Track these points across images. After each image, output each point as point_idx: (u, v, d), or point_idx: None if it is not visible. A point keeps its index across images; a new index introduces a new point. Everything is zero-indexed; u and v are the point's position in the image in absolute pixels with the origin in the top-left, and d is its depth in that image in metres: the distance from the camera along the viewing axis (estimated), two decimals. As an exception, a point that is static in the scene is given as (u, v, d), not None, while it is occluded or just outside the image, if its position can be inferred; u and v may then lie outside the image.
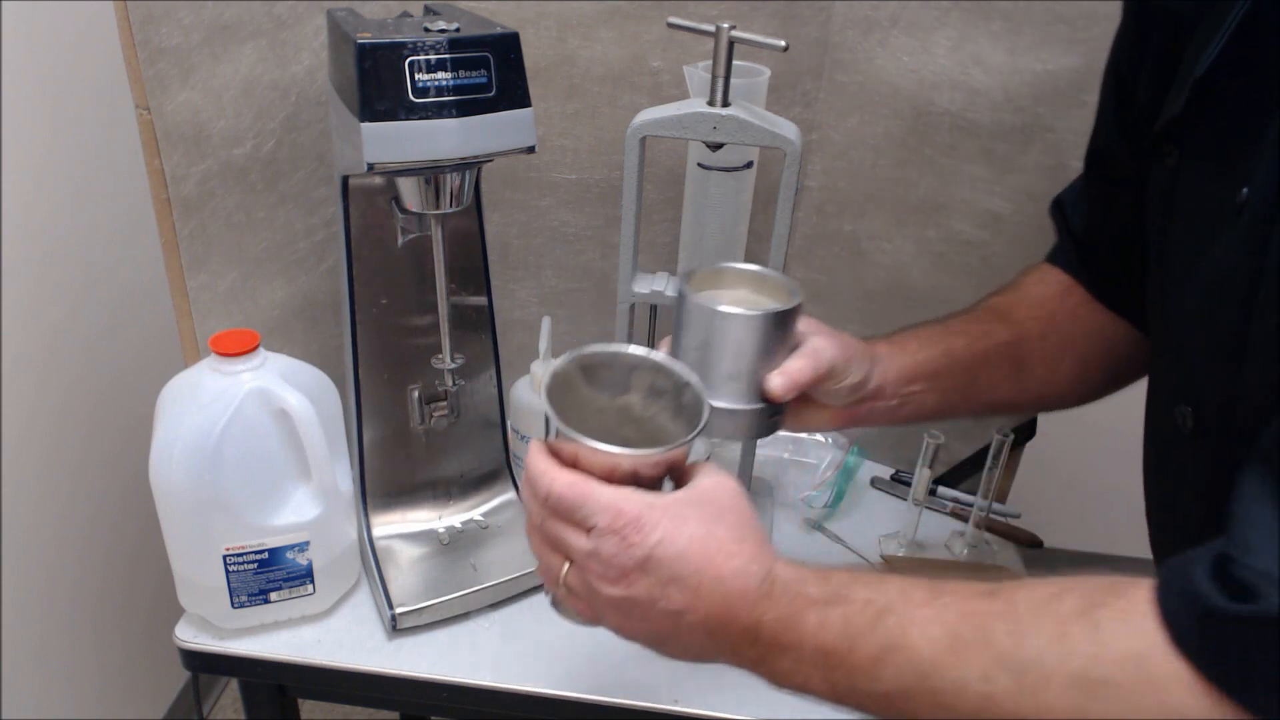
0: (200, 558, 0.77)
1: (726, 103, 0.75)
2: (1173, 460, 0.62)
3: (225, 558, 0.76)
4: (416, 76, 0.67)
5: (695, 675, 0.79)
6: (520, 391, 0.91)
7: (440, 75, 0.68)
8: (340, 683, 0.80)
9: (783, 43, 0.70)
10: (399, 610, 0.81)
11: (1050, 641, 0.42)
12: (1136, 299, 0.69)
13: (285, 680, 0.85)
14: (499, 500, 0.94)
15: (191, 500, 0.74)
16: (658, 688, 0.78)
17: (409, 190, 0.76)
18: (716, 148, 0.81)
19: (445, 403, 0.88)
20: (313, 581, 0.81)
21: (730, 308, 0.62)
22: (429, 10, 0.79)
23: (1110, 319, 0.74)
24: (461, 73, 0.69)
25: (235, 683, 1.33)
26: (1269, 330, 0.47)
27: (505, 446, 0.94)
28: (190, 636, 0.81)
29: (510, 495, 0.94)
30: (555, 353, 0.90)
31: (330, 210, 0.95)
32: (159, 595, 1.05)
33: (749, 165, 0.89)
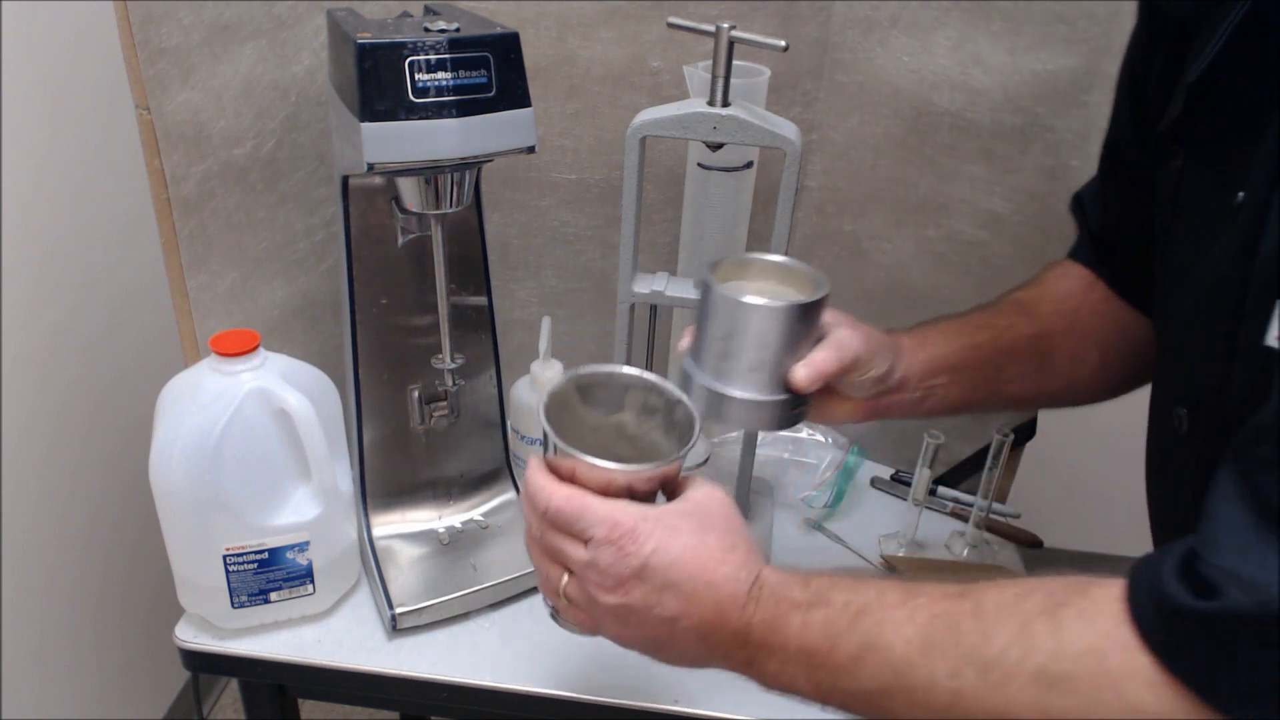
0: (200, 558, 0.77)
1: (726, 103, 0.75)
2: (1172, 461, 0.62)
3: (225, 558, 0.76)
4: (416, 76, 0.68)
5: (695, 676, 0.79)
6: (520, 391, 0.91)
7: (440, 75, 0.68)
8: (340, 683, 0.80)
9: (783, 43, 0.70)
10: (399, 610, 0.81)
11: (1014, 639, 0.44)
12: (1154, 295, 0.69)
13: (285, 680, 0.85)
14: (499, 500, 0.94)
15: (191, 500, 0.74)
16: (658, 688, 0.78)
17: (409, 190, 0.76)
18: (716, 148, 0.81)
19: (445, 403, 0.88)
20: (313, 581, 0.81)
21: (755, 298, 0.62)
22: (429, 10, 0.79)
23: (1132, 315, 0.74)
24: (461, 73, 0.69)
25: (235, 683, 1.33)
26: (1254, 333, 0.47)
27: (505, 446, 0.94)
28: (190, 636, 0.81)
29: (510, 495, 0.94)
30: (555, 353, 0.90)
31: (330, 210, 0.95)
32: (159, 595, 1.05)
33: (749, 165, 0.89)
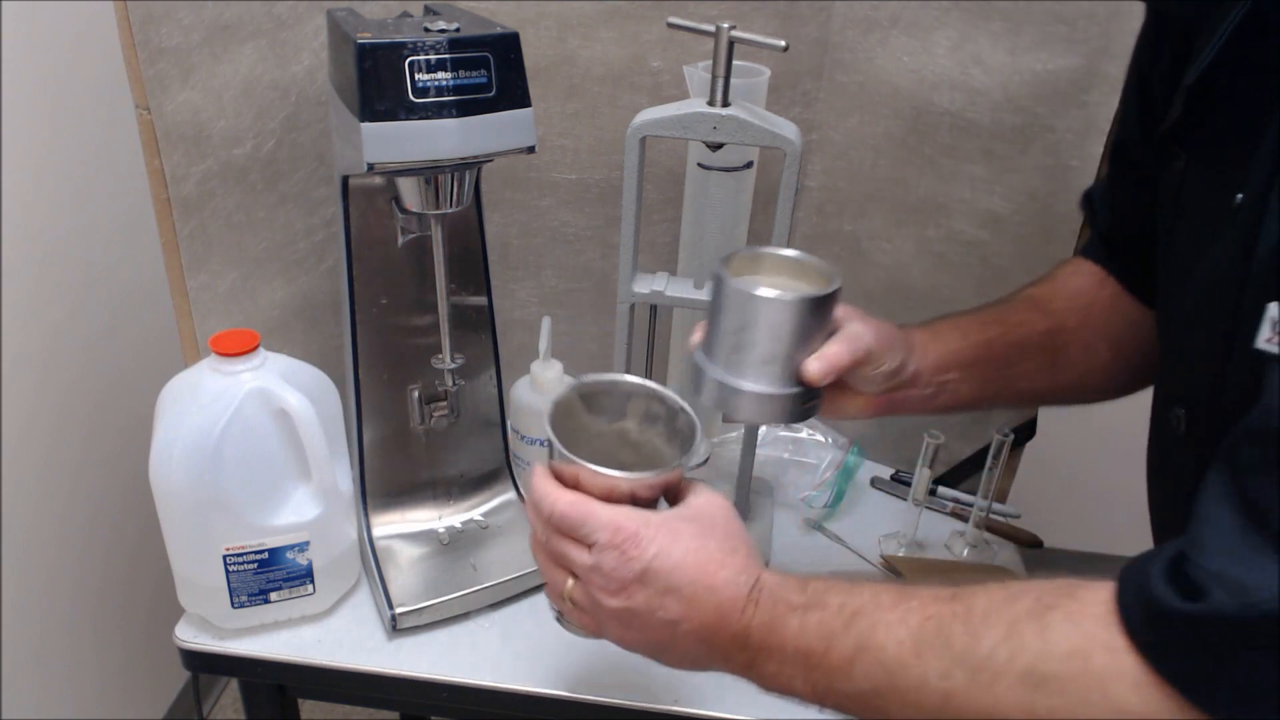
0: (200, 558, 0.77)
1: (726, 103, 0.75)
2: (1172, 461, 0.62)
3: (225, 558, 0.76)
4: (416, 76, 0.67)
5: (695, 676, 0.79)
6: (520, 391, 0.91)
7: (440, 75, 0.68)
8: (340, 683, 0.80)
9: (783, 43, 0.70)
10: (399, 610, 0.81)
11: (1002, 640, 0.45)
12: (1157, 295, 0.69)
13: (285, 680, 0.85)
14: (499, 500, 0.94)
15: (191, 500, 0.74)
16: (658, 688, 0.78)
17: (409, 190, 0.76)
18: (716, 148, 0.81)
19: (445, 403, 0.88)
20: (313, 581, 0.81)
21: (768, 291, 0.61)
22: (429, 10, 0.79)
23: (1143, 311, 0.74)
24: (461, 73, 0.69)
25: (235, 683, 1.33)
26: (1248, 335, 0.47)
27: (505, 446, 0.94)
28: (190, 636, 0.81)
29: (510, 495, 0.94)
30: (555, 353, 0.90)
31: (330, 210, 0.95)
32: (159, 595, 1.05)
33: (749, 165, 0.89)
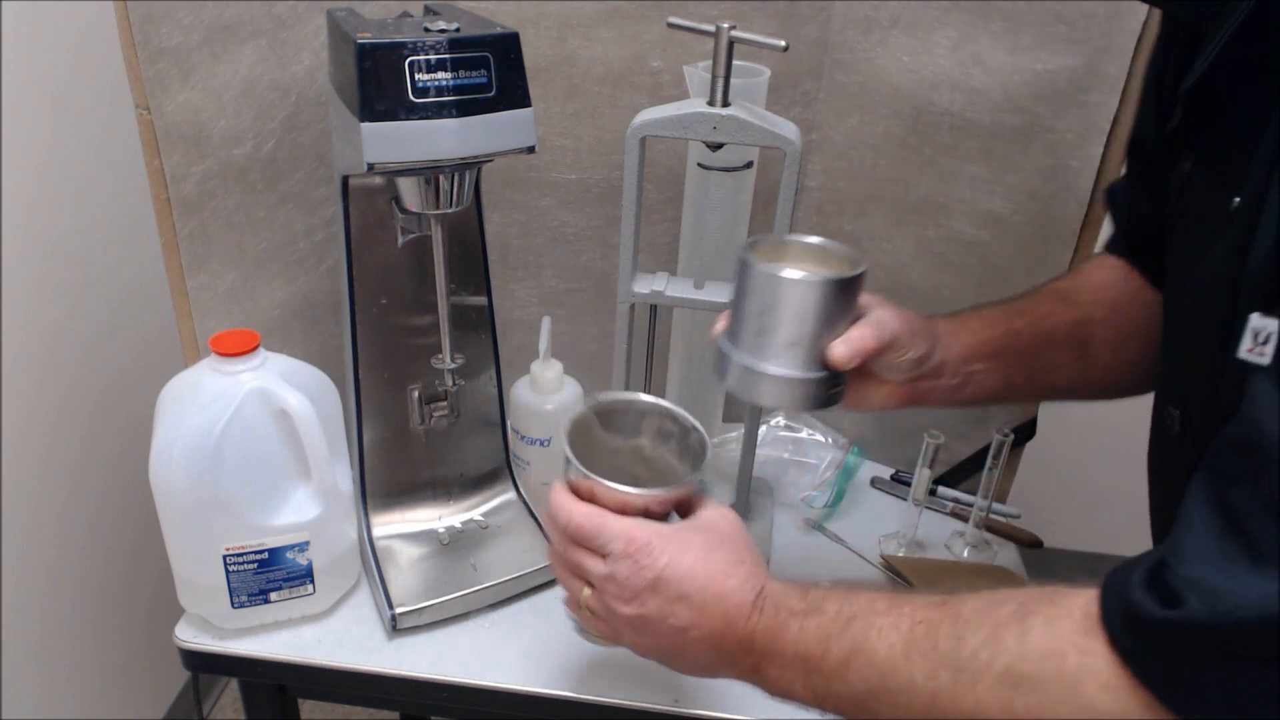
0: (200, 558, 0.77)
1: (726, 103, 0.75)
2: (1170, 462, 0.62)
3: (225, 558, 0.76)
4: (416, 76, 0.67)
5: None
6: (520, 391, 0.91)
7: (440, 75, 0.68)
8: (340, 683, 0.80)
9: (783, 43, 0.70)
10: (399, 610, 0.81)
11: (984, 643, 0.47)
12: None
13: (285, 680, 0.85)
14: (499, 500, 0.94)
15: (191, 500, 0.74)
16: (658, 688, 0.78)
17: (409, 190, 0.76)
18: (716, 148, 0.81)
19: (445, 403, 0.88)
20: (313, 581, 0.81)
21: (793, 272, 0.62)
22: (429, 10, 0.79)
23: None
24: (461, 73, 0.69)
25: (235, 683, 1.33)
26: (1236, 341, 0.47)
27: (505, 446, 0.94)
28: (190, 636, 0.81)
29: (510, 495, 0.94)
30: (555, 353, 0.90)
31: (330, 210, 0.95)
32: (159, 595, 1.05)
33: (749, 165, 0.89)
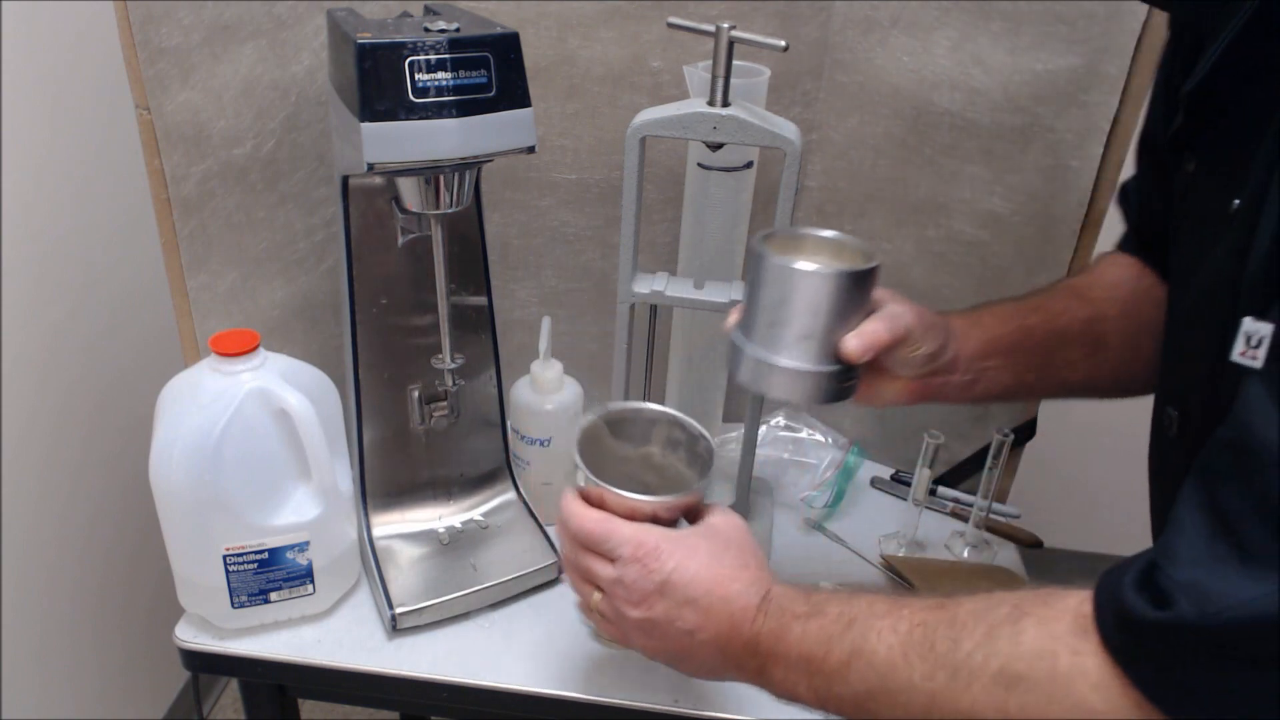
0: (200, 558, 0.77)
1: (726, 103, 0.75)
2: (1169, 462, 0.62)
3: (225, 558, 0.76)
4: (416, 76, 0.67)
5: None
6: (520, 391, 0.91)
7: (440, 75, 0.68)
8: (340, 683, 0.80)
9: (783, 43, 0.70)
10: (399, 610, 0.81)
11: (979, 644, 0.47)
12: None
13: (285, 680, 0.85)
14: (499, 500, 0.94)
15: (191, 500, 0.74)
16: (658, 688, 0.78)
17: (409, 190, 0.76)
18: (716, 148, 0.81)
19: (445, 403, 0.88)
20: (313, 581, 0.81)
21: (807, 264, 0.62)
22: (429, 10, 0.79)
23: None
24: (461, 73, 0.69)
25: (235, 683, 1.33)
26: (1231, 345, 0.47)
27: (505, 446, 0.94)
28: (190, 636, 0.81)
29: (510, 495, 0.94)
30: (555, 353, 0.90)
31: (330, 210, 0.95)
32: (159, 595, 1.05)
33: (749, 165, 0.89)
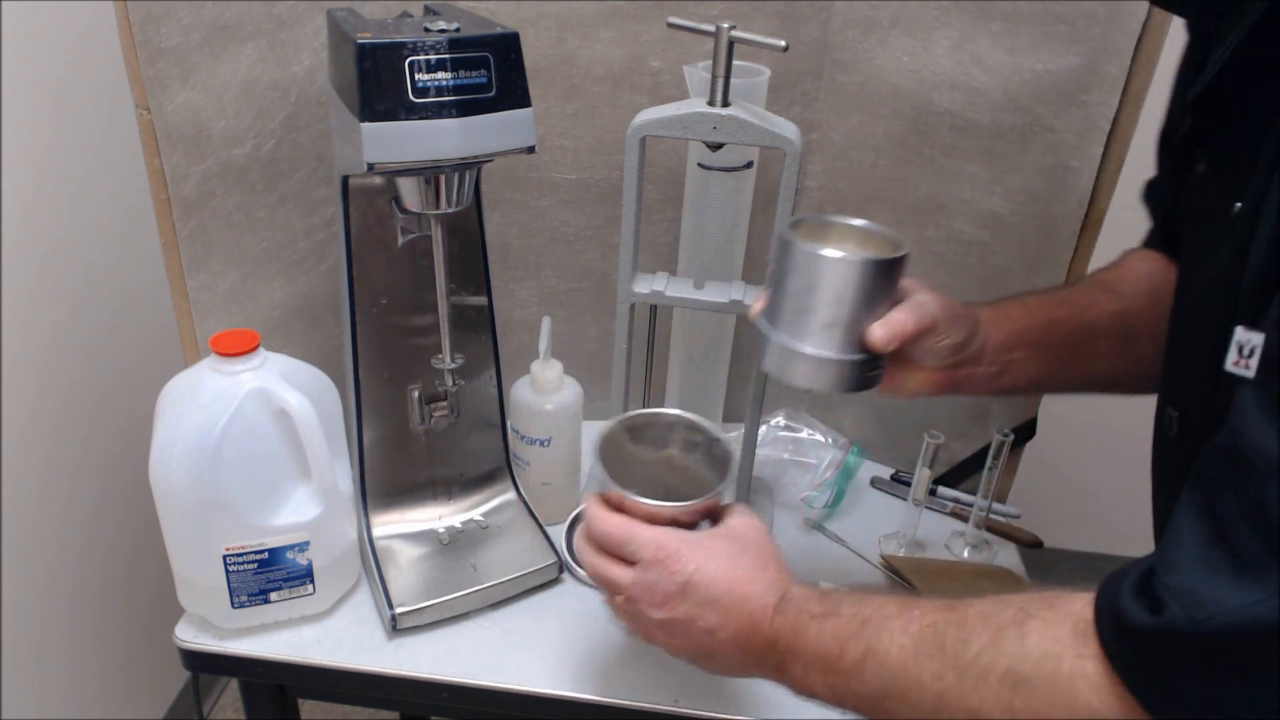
0: (200, 558, 0.77)
1: (726, 103, 0.75)
2: (1169, 462, 0.63)
3: (225, 558, 0.76)
4: (416, 76, 0.67)
5: (695, 676, 0.79)
6: (520, 391, 0.91)
7: (440, 75, 0.68)
8: (340, 683, 0.80)
9: (783, 43, 0.70)
10: (399, 610, 0.81)
11: (986, 645, 0.48)
12: None
13: (285, 680, 0.85)
14: (499, 500, 0.94)
15: (191, 500, 0.74)
16: (658, 688, 0.78)
17: (409, 190, 0.76)
18: (716, 148, 0.81)
19: (445, 403, 0.88)
20: (313, 581, 0.81)
21: (834, 251, 0.61)
22: (429, 10, 0.79)
23: None
24: (461, 73, 0.69)
25: (235, 683, 1.33)
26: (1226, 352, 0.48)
27: (505, 446, 0.94)
28: (190, 636, 0.81)
29: (510, 495, 0.94)
30: (555, 353, 0.90)
31: (330, 210, 0.95)
32: (159, 595, 1.05)
33: (749, 165, 0.89)
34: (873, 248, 0.66)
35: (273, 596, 0.80)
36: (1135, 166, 0.86)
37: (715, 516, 0.65)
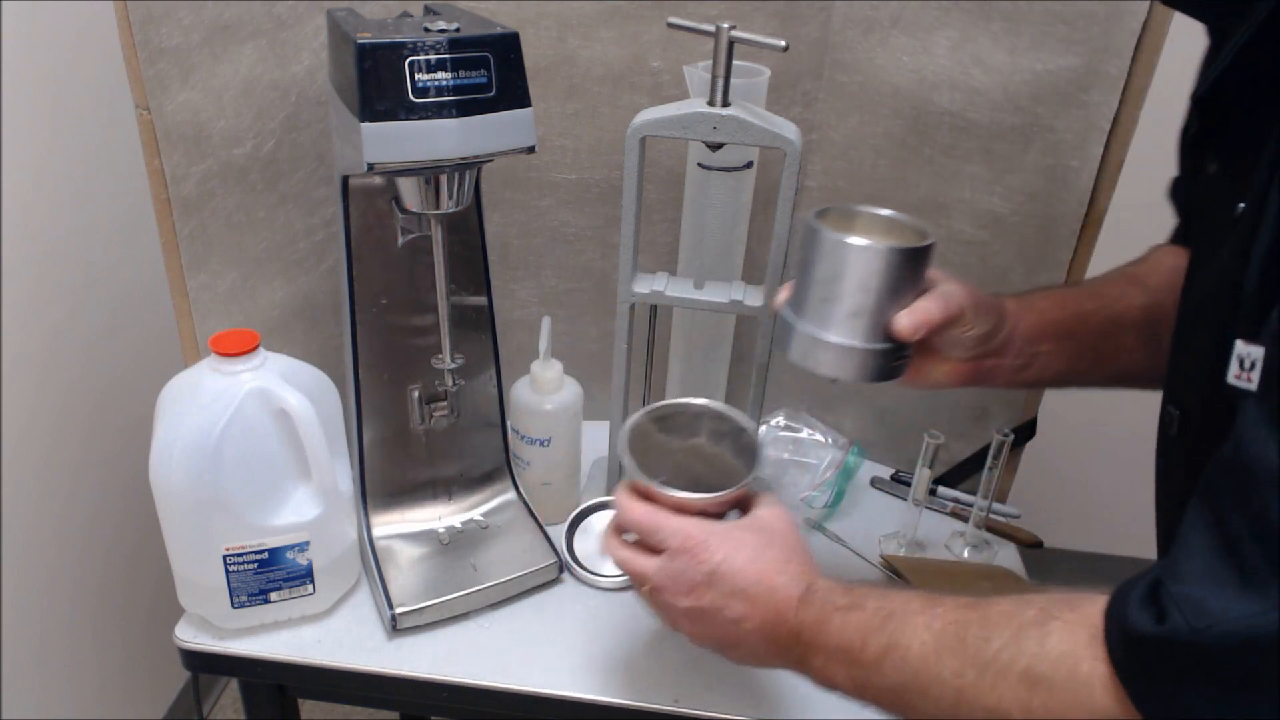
0: (200, 558, 0.77)
1: (726, 103, 0.75)
2: (1171, 460, 0.63)
3: (225, 558, 0.76)
4: (416, 76, 0.67)
5: (695, 675, 0.79)
6: (520, 391, 0.91)
7: (440, 75, 0.68)
8: (340, 683, 0.80)
9: (783, 43, 0.70)
10: (399, 610, 0.81)
11: (1007, 644, 0.49)
12: None
13: (285, 680, 0.85)
14: (499, 500, 0.94)
15: (191, 500, 0.74)
16: (658, 688, 0.78)
17: (409, 190, 0.76)
18: (716, 148, 0.81)
19: (445, 403, 0.88)
20: (313, 581, 0.81)
21: (860, 239, 0.61)
22: (429, 10, 0.79)
23: None
24: (461, 73, 0.69)
25: (235, 683, 1.33)
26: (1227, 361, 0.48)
27: (505, 446, 0.94)
28: (190, 636, 0.81)
29: (510, 495, 0.94)
30: (555, 353, 0.90)
31: (330, 210, 0.95)
32: (159, 595, 1.05)
33: (749, 165, 0.89)
34: (899, 237, 0.66)
35: (273, 596, 0.80)
36: (1135, 166, 0.86)
37: (744, 506, 0.65)
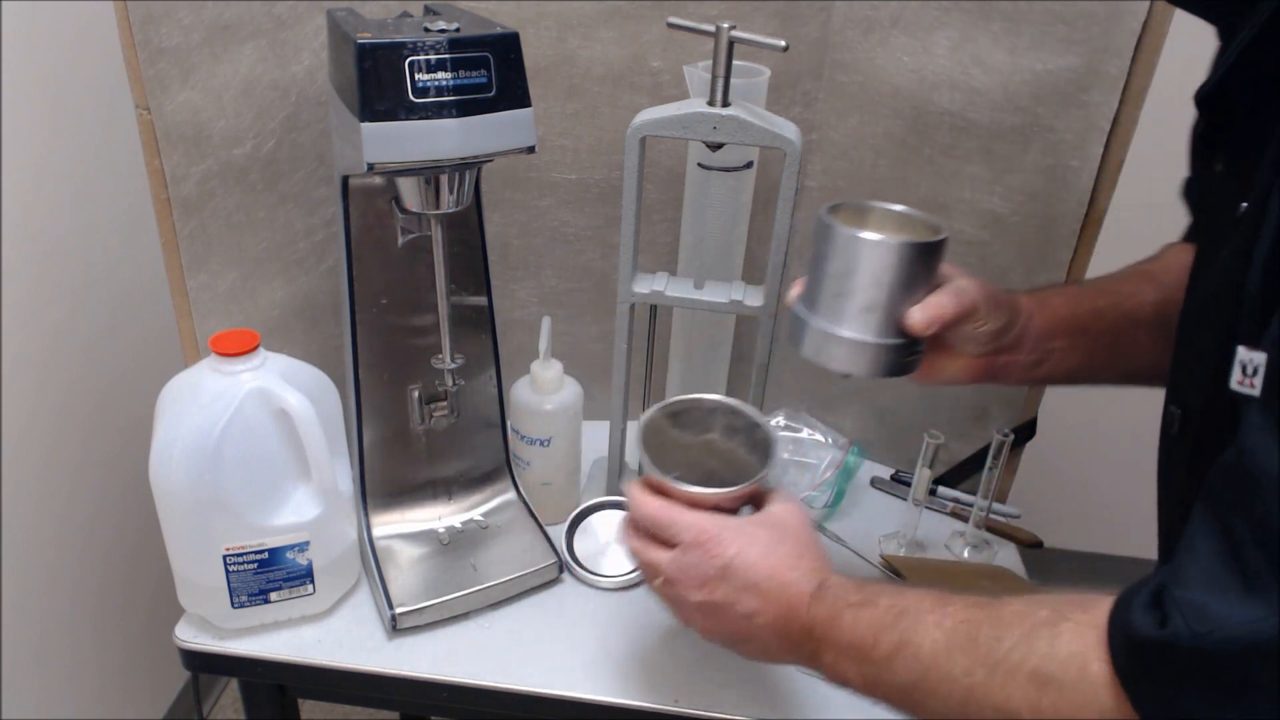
0: (200, 558, 0.77)
1: (726, 103, 0.75)
2: (1172, 459, 0.63)
3: (225, 558, 0.76)
4: (416, 76, 0.68)
5: (695, 675, 0.79)
6: (520, 391, 0.91)
7: (440, 75, 0.68)
8: (340, 683, 0.80)
9: (783, 43, 0.70)
10: (399, 610, 0.81)
11: (1018, 644, 0.49)
12: None
13: (285, 680, 0.85)
14: (499, 500, 0.94)
15: (191, 500, 0.74)
16: (658, 688, 0.78)
17: (409, 190, 0.76)
18: (716, 148, 0.81)
19: (445, 403, 0.88)
20: (313, 581, 0.81)
21: (873, 234, 0.61)
22: (429, 10, 0.79)
23: None
24: (461, 73, 0.69)
25: (235, 683, 1.33)
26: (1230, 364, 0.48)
27: (505, 446, 0.94)
28: (190, 636, 0.81)
29: (510, 495, 0.94)
30: (555, 353, 0.90)
31: (330, 210, 0.95)
32: (159, 595, 1.05)
33: (749, 165, 0.89)
34: (911, 232, 0.66)
35: (273, 596, 0.80)
36: (1135, 166, 0.86)
37: (758, 502, 0.65)
